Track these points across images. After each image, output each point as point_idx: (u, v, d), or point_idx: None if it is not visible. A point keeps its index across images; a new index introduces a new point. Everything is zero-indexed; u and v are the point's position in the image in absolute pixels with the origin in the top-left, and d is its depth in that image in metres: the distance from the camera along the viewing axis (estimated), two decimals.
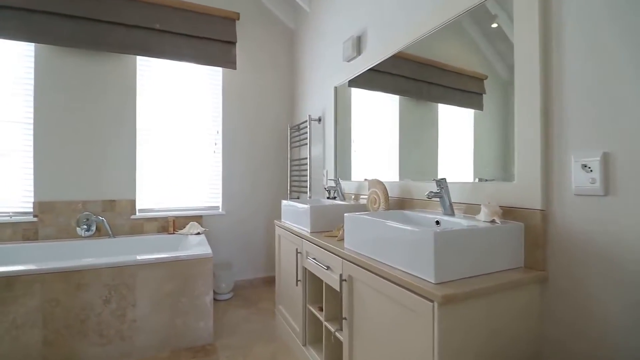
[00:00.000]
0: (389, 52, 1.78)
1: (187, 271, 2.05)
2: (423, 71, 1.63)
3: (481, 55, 1.32)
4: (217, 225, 3.01)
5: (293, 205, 2.00)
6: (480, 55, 1.33)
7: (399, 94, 1.86)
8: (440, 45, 1.51)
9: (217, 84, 3.03)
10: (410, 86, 1.75)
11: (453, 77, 1.48)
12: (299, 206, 1.91)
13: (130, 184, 2.71)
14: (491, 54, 1.28)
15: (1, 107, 2.38)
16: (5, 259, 2.25)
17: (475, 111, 1.39)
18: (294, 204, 1.98)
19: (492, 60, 1.28)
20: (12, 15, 2.25)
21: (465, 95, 1.43)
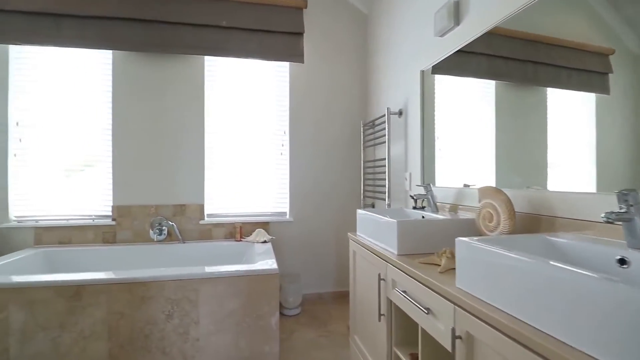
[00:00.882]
0: (495, 21, 1.36)
1: (250, 288, 1.82)
2: (527, 49, 1.34)
3: (603, 24, 1.04)
4: (284, 232, 2.78)
5: (373, 216, 1.62)
6: (602, 25, 1.04)
7: (495, 79, 1.53)
8: (547, 16, 1.20)
9: (284, 81, 2.81)
10: (510, 68, 1.46)
11: (567, 53, 1.19)
12: (381, 219, 1.52)
13: (199, 189, 2.64)
14: (617, 23, 1.01)
15: (90, 117, 2.47)
16: (86, 262, 2.32)
17: (597, 95, 1.09)
18: (374, 216, 1.60)
19: (619, 31, 1.00)
20: (91, 24, 2.31)
21: (583, 75, 1.15)
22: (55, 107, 2.43)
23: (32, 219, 2.41)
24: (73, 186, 2.48)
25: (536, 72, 1.33)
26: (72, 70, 2.45)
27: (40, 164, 2.43)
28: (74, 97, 2.46)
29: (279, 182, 2.83)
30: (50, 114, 2.43)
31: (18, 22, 2.23)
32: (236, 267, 1.87)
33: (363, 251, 1.66)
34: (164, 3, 2.41)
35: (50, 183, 2.44)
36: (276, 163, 2.83)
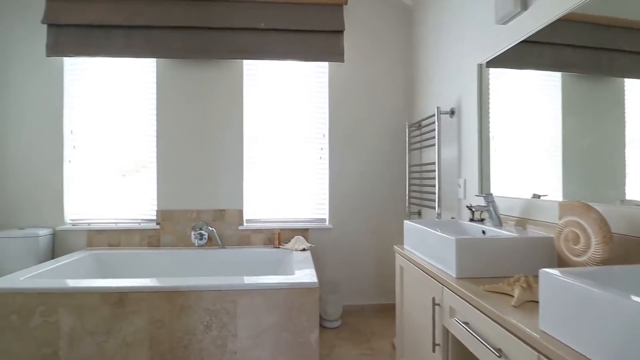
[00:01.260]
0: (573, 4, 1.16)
1: (289, 301, 1.73)
2: (600, 35, 1.17)
3: None
4: (324, 240, 2.66)
5: (424, 230, 1.44)
6: None
7: (561, 70, 1.34)
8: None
9: (323, 82, 2.69)
10: (579, 58, 1.27)
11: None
12: (435, 234, 1.34)
13: (238, 194, 2.61)
14: None
15: (137, 124, 2.55)
16: (132, 266, 2.38)
17: None
18: (426, 230, 1.42)
19: None
20: (137, 34, 2.38)
21: None
22: (105, 115, 2.54)
23: (85, 222, 2.53)
24: (122, 191, 2.57)
25: (612, 61, 1.15)
26: (120, 79, 2.54)
27: (91, 170, 2.54)
28: (122, 105, 2.55)
29: (318, 187, 2.72)
30: (101, 122, 2.54)
31: (71, 35, 2.35)
32: (274, 278, 1.79)
33: (412, 268, 1.49)
34: (203, 9, 2.41)
35: (101, 188, 2.55)
36: (315, 167, 2.72)
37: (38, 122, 2.47)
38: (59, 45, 2.34)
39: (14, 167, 2.46)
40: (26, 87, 2.47)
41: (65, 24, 2.32)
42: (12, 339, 1.62)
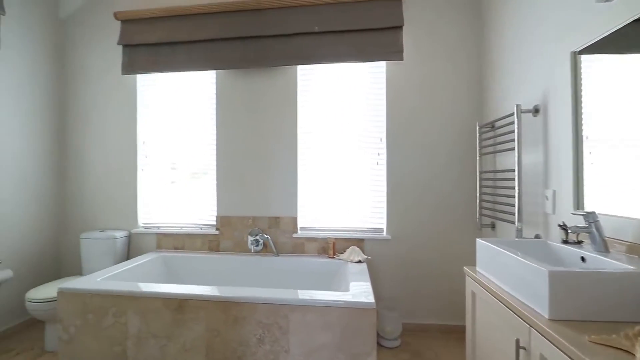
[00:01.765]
0: None
1: (343, 321, 1.61)
2: None
3: None
4: (381, 251, 2.49)
5: (503, 253, 1.21)
6: None
7: None
8: None
9: (380, 83, 2.53)
10: None
11: None
12: (519, 260, 1.11)
13: (292, 201, 2.58)
14: None
15: (199, 132, 2.67)
16: (193, 269, 2.49)
17: None
18: (505, 253, 1.19)
19: None
20: (198, 48, 2.49)
21: None
22: (171, 126, 2.71)
23: (155, 225, 2.72)
24: (186, 197, 2.71)
25: None
26: (184, 91, 2.69)
27: (160, 177, 2.73)
28: (186, 116, 2.69)
29: (374, 195, 2.56)
30: (167, 133, 2.71)
31: (142, 54, 2.55)
32: (328, 295, 1.69)
33: (488, 298, 1.26)
34: (258, 18, 2.43)
35: (168, 194, 2.73)
36: (371, 174, 2.57)
37: (115, 135, 2.73)
38: (132, 64, 2.56)
39: (96, 175, 2.76)
40: (104, 103, 2.74)
41: (137, 44, 2.53)
42: (89, 336, 1.76)
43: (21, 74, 2.45)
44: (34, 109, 2.56)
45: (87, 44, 2.76)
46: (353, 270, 2.14)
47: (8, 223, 2.35)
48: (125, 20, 2.56)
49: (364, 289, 1.79)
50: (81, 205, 2.77)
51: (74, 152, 2.78)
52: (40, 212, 2.60)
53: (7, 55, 2.33)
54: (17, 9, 2.40)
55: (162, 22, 2.51)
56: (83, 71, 2.77)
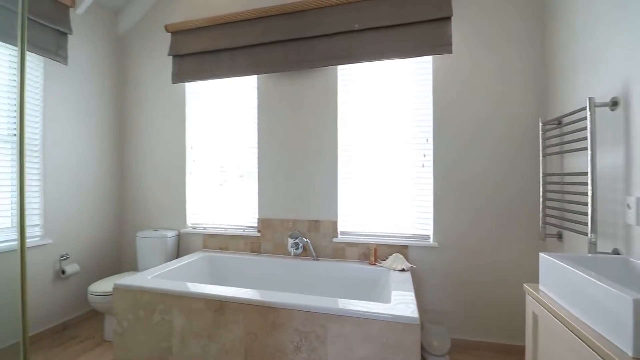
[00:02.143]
0: None
1: (384, 335, 1.51)
2: None
3: None
4: (427, 260, 2.33)
5: (575, 273, 1.03)
6: None
7: None
8: None
9: (426, 80, 2.37)
10: None
11: None
12: (595, 283, 0.93)
13: (332, 205, 2.52)
14: None
15: (242, 136, 2.74)
16: (236, 269, 2.54)
17: None
18: (577, 273, 1.01)
19: None
20: (240, 54, 2.55)
21: None
22: (216, 131, 2.80)
23: (202, 226, 2.84)
24: (230, 200, 2.79)
25: None
26: (228, 97, 2.77)
27: (206, 180, 2.84)
28: (230, 121, 2.77)
29: (420, 198, 2.40)
30: (213, 138, 2.81)
31: (190, 63, 2.68)
32: (368, 306, 1.59)
33: (554, 323, 1.08)
34: (299, 20, 2.41)
35: (214, 197, 2.83)
36: (417, 177, 2.42)
37: (167, 141, 2.90)
38: (180, 73, 2.70)
39: (150, 179, 2.96)
40: (157, 112, 2.93)
41: (185, 53, 2.66)
42: (140, 330, 1.87)
43: (86, 87, 2.71)
44: (97, 120, 2.82)
45: (142, 57, 2.97)
46: (396, 279, 2.02)
47: (75, 222, 2.61)
48: (175, 32, 2.71)
49: (408, 300, 1.67)
50: (138, 207, 2.99)
51: (131, 158, 3.01)
52: (102, 213, 2.85)
53: (73, 70, 2.59)
54: (82, 28, 2.66)
55: (207, 32, 2.61)
56: (138, 82, 2.99)
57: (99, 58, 2.82)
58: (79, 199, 2.64)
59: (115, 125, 3.00)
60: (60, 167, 2.50)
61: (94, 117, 2.78)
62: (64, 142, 2.53)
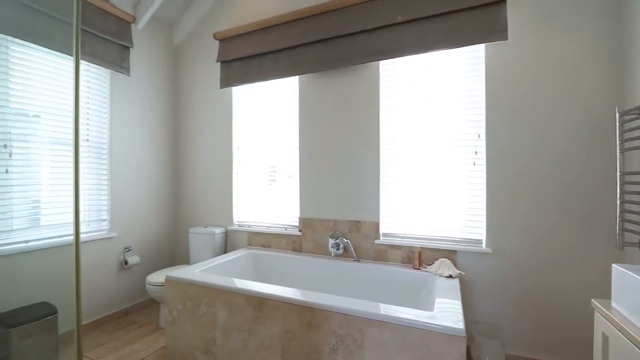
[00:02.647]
0: None
1: (426, 346, 1.41)
2: None
3: None
4: (478, 267, 2.14)
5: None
6: None
7: None
8: None
9: (477, 70, 2.18)
10: None
11: None
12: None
13: (374, 205, 2.44)
14: None
15: (284, 136, 2.79)
16: (277, 267, 2.59)
17: None
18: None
19: None
20: (282, 56, 2.59)
21: None
22: (260, 132, 2.89)
23: (247, 224, 2.94)
24: (273, 199, 2.86)
25: None
26: (271, 99, 2.84)
27: (251, 180, 2.94)
28: (273, 122, 2.83)
29: (471, 200, 2.22)
30: (257, 139, 2.90)
31: (236, 68, 2.80)
32: (408, 312, 1.51)
33: (629, 347, 0.91)
34: (338, 18, 2.38)
35: (258, 196, 2.91)
36: (467, 176, 2.24)
37: (215, 142, 3.06)
38: (228, 78, 2.83)
39: (200, 178, 3.14)
40: (207, 116, 3.10)
41: (231, 59, 2.78)
42: (187, 320, 1.98)
43: (145, 95, 2.97)
44: (154, 125, 3.07)
45: (194, 64, 3.17)
46: (442, 286, 1.88)
47: (136, 218, 2.87)
48: (222, 40, 2.85)
49: (453, 310, 1.54)
50: (190, 205, 3.20)
51: (184, 159, 3.23)
52: (159, 210, 3.10)
53: (135, 80, 2.85)
54: (142, 41, 2.91)
55: (251, 37, 2.70)
56: (191, 88, 3.19)
57: (156, 68, 3.07)
58: (139, 197, 2.90)
59: (171, 130, 3.24)
60: (124, 168, 2.77)
61: (152, 122, 3.03)
62: (127, 146, 2.80)
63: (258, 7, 2.80)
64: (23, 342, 1.85)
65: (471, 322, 2.11)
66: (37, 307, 2.01)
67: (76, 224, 1.05)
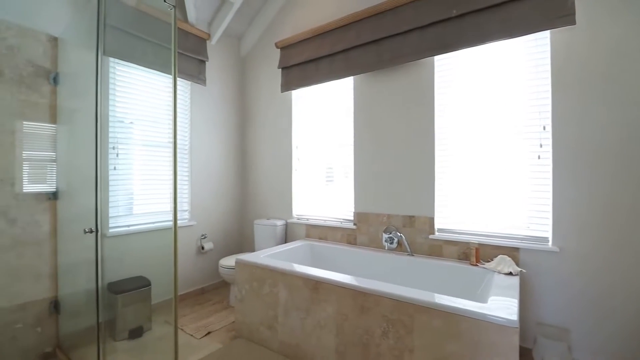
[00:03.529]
0: None
1: (474, 335, 1.42)
2: None
3: None
4: (543, 266, 2.03)
5: None
6: None
7: None
8: None
9: (542, 59, 2.07)
10: None
11: None
12: None
13: (429, 200, 2.44)
14: None
15: (339, 134, 2.94)
16: (333, 257, 2.73)
17: None
18: None
19: None
20: (338, 59, 2.74)
21: None
22: (317, 131, 3.08)
23: (305, 217, 3.15)
24: (329, 194, 3.02)
25: None
26: (327, 99, 3.01)
27: (309, 176, 3.15)
28: (329, 121, 3.00)
29: (535, 195, 2.11)
30: (314, 137, 3.09)
31: (295, 73, 3.03)
32: (458, 302, 1.53)
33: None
34: (392, 17, 2.44)
35: (316, 191, 3.11)
36: (531, 170, 2.13)
37: (277, 142, 3.34)
38: (287, 83, 3.08)
39: (263, 175, 3.45)
40: (269, 118, 3.40)
41: (291, 65, 3.02)
42: (254, 298, 2.24)
43: (217, 101, 3.37)
44: (226, 128, 3.46)
45: (258, 72, 3.50)
46: (500, 284, 1.83)
47: (210, 210, 3.28)
48: (283, 47, 3.11)
49: (508, 303, 1.52)
50: (255, 199, 3.53)
51: (250, 158, 3.58)
52: (228, 204, 3.49)
53: (209, 89, 3.26)
54: (215, 54, 3.31)
55: (309, 43, 2.90)
56: (255, 93, 3.53)
57: (226, 77, 3.46)
58: (212, 192, 3.30)
59: (238, 132, 3.61)
60: (200, 167, 3.19)
61: (223, 125, 3.43)
62: (203, 147, 3.21)
63: (316, 14, 2.99)
64: (125, 308, 2.27)
65: (534, 322, 2.01)
66: (135, 279, 2.45)
67: (174, 212, 1.31)
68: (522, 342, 2.03)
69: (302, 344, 1.99)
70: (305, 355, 1.97)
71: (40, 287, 2.09)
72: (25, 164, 2.05)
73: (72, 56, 2.16)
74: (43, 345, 2.10)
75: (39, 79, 2.09)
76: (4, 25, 1.94)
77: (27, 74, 2.05)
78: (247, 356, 2.06)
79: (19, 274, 2.00)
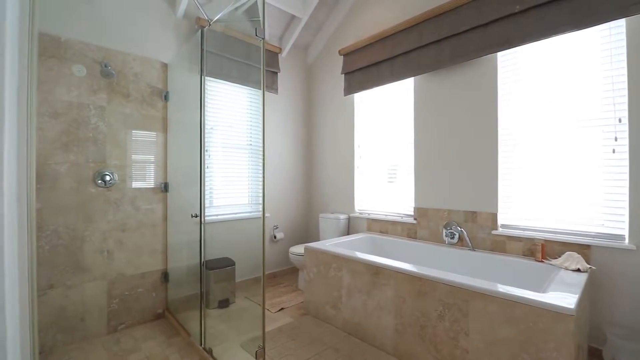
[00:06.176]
0: None
1: (529, 321, 1.49)
2: None
3: None
4: (618, 264, 1.94)
5: None
6: None
7: None
8: None
9: (616, 49, 1.97)
10: None
11: None
12: None
13: (492, 196, 2.46)
14: None
15: (400, 132, 3.09)
16: (393, 250, 2.89)
17: None
18: None
19: None
20: (398, 61, 2.88)
21: None
22: (379, 130, 3.26)
23: (366, 212, 3.35)
24: (390, 190, 3.19)
25: None
26: (388, 100, 3.18)
27: (370, 173, 3.35)
28: (390, 120, 3.16)
29: (609, 190, 2.02)
30: (376, 136, 3.28)
31: (357, 77, 3.25)
32: (513, 289, 1.60)
33: None
34: (453, 17, 2.50)
35: (377, 187, 3.30)
36: (604, 164, 2.04)
37: (340, 142, 3.61)
38: (350, 86, 3.32)
39: (328, 173, 3.75)
40: (333, 119, 3.68)
41: (353, 70, 3.25)
42: (320, 281, 2.53)
43: (287, 107, 3.76)
44: (294, 130, 3.84)
45: (323, 78, 3.81)
46: (566, 280, 1.82)
47: (281, 204, 3.69)
48: (346, 54, 3.35)
49: (566, 294, 1.54)
50: (320, 195, 3.85)
51: (315, 157, 3.91)
52: (297, 198, 3.87)
53: (280, 97, 3.67)
54: (285, 65, 3.71)
55: (370, 48, 3.10)
56: (320, 98, 3.84)
57: (295, 84, 3.84)
58: (282, 187, 3.71)
59: (305, 133, 3.98)
60: (273, 165, 3.61)
61: (292, 127, 3.81)
62: (275, 147, 3.63)
63: (376, 21, 3.18)
64: (216, 284, 2.74)
65: (605, 322, 1.94)
66: (223, 260, 2.92)
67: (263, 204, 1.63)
68: (591, 342, 1.97)
69: (363, 323, 2.21)
70: (367, 332, 2.19)
71: (155, 261, 2.66)
72: (148, 165, 2.64)
73: (177, 77, 2.70)
74: (156, 307, 2.66)
75: (154, 97, 2.67)
76: (131, 57, 2.53)
77: (147, 94, 2.63)
78: (315, 329, 2.35)
79: (141, 249, 2.59)
